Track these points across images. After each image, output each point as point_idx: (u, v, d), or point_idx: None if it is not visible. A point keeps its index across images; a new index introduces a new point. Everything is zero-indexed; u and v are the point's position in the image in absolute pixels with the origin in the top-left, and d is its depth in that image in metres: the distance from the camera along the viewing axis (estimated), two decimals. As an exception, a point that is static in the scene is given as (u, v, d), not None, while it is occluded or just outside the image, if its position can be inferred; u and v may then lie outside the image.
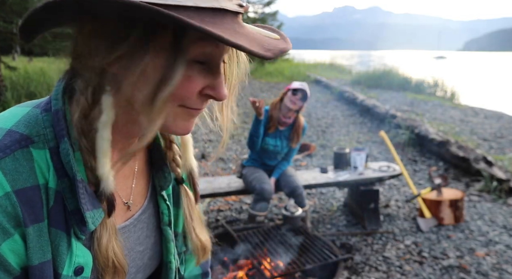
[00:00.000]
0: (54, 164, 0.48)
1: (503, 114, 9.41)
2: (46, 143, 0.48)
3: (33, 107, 0.51)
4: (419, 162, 5.36)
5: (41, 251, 0.47)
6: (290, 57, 29.20)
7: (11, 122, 0.48)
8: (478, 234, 3.32)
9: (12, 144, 0.46)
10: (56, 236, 0.48)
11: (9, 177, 0.44)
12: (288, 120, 3.11)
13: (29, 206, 0.45)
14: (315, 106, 10.07)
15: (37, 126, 0.49)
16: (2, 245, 0.44)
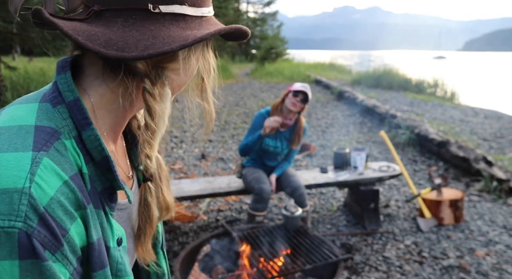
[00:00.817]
0: (81, 151, 0.52)
1: (503, 114, 9.41)
2: (69, 133, 0.51)
3: (39, 102, 0.52)
4: (419, 162, 5.36)
5: (95, 229, 0.52)
6: (290, 57, 29.21)
7: (32, 118, 0.50)
8: (478, 234, 3.32)
9: (49, 138, 0.48)
10: (99, 215, 0.53)
11: (61, 167, 0.47)
12: (289, 122, 3.10)
13: (81, 190, 0.50)
14: (315, 106, 10.07)
15: (55, 119, 0.51)
16: (71, 228, 0.47)
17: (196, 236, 3.25)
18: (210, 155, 5.65)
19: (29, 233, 0.42)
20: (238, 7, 34.51)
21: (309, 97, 3.03)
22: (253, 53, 32.69)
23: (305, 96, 3.01)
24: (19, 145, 0.45)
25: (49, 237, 0.43)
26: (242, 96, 12.05)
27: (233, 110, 9.42)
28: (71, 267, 0.47)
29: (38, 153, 0.45)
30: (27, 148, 0.45)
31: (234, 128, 7.48)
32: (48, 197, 0.44)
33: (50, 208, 0.44)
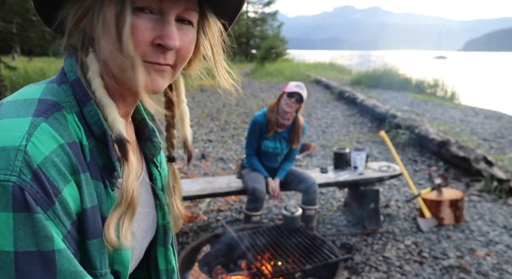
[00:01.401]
0: (82, 126, 0.55)
1: (503, 114, 9.40)
2: (71, 109, 0.55)
3: (48, 83, 0.58)
4: (419, 162, 5.35)
5: (90, 196, 0.54)
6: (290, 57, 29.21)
7: (38, 93, 0.55)
8: (478, 234, 3.32)
9: (50, 108, 0.52)
10: (97, 187, 0.56)
11: (58, 133, 0.50)
12: (286, 122, 3.10)
13: (77, 158, 0.52)
14: (315, 106, 10.07)
15: (59, 95, 0.56)
16: (64, 189, 0.49)
17: (196, 236, 3.25)
18: (210, 155, 5.65)
19: (22, 186, 0.44)
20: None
21: (304, 97, 3.02)
22: (253, 53, 32.68)
23: (300, 96, 3.00)
24: (21, 112, 0.50)
25: (41, 193, 0.46)
26: (242, 96, 12.03)
27: (233, 110, 9.42)
28: (64, 229, 0.49)
29: (37, 118, 0.49)
30: (28, 115, 0.50)
31: (234, 128, 7.48)
32: (42, 155, 0.47)
33: (43, 166, 0.47)
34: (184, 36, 0.59)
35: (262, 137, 3.16)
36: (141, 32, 0.54)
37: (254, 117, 3.18)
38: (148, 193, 0.74)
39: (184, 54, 0.60)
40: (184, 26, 0.59)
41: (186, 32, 0.59)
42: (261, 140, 3.17)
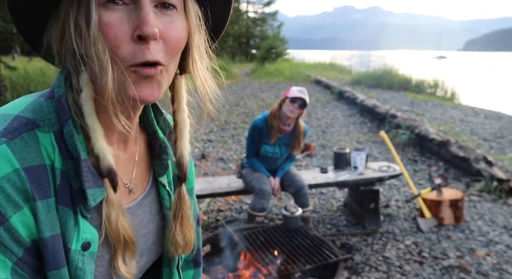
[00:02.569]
0: (59, 147, 0.52)
1: (503, 114, 9.40)
2: (51, 127, 0.52)
3: (38, 96, 0.55)
4: (419, 162, 5.35)
5: (51, 224, 0.50)
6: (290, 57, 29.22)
7: (19, 109, 0.52)
8: (478, 234, 3.32)
9: (20, 127, 0.50)
10: (63, 213, 0.51)
11: (18, 156, 0.48)
12: (287, 128, 3.07)
13: (37, 183, 0.49)
14: (315, 106, 10.07)
15: (42, 112, 0.53)
16: (12, 217, 0.46)
17: (196, 236, 3.24)
18: (210, 155, 5.65)
19: None
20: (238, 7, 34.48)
21: (307, 102, 2.98)
22: (253, 53, 32.68)
23: (303, 102, 2.96)
24: None
25: None
26: (242, 96, 12.05)
27: (233, 110, 9.42)
28: (14, 257, 0.47)
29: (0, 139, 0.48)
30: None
31: (234, 128, 7.48)
32: None
33: None
34: (169, 24, 0.52)
35: (261, 142, 3.14)
36: (116, 28, 0.48)
37: (254, 122, 3.14)
38: (151, 214, 0.69)
39: (173, 45, 0.53)
40: (167, 11, 0.52)
41: (170, 18, 0.52)
42: (260, 144, 3.15)
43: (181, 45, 0.55)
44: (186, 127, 0.65)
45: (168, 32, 0.52)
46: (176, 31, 0.53)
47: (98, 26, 0.48)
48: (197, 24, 0.57)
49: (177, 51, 0.54)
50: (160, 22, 0.51)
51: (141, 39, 0.49)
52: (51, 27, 0.53)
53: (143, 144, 0.69)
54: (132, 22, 0.49)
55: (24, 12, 0.52)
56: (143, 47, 0.49)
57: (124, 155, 0.64)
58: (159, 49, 0.51)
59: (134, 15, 0.49)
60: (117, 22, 0.48)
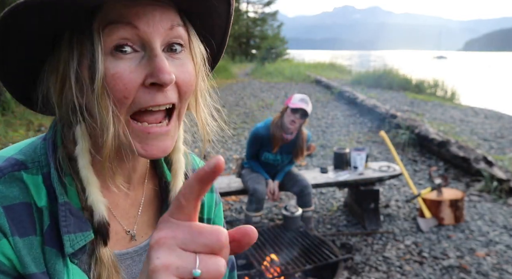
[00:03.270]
0: (46, 188, 0.51)
1: (503, 114, 9.40)
2: (40, 169, 0.52)
3: (39, 137, 0.56)
4: (419, 162, 5.35)
5: (35, 262, 0.48)
6: (290, 57, 29.22)
7: (15, 150, 0.54)
8: (478, 234, 3.32)
9: (5, 168, 0.50)
10: (51, 255, 0.49)
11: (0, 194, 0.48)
12: (289, 136, 3.02)
13: (17, 220, 0.48)
14: (315, 106, 10.06)
15: (34, 154, 0.53)
16: None
17: (196, 236, 3.24)
18: (210, 155, 5.62)
19: None
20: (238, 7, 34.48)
21: (309, 112, 2.89)
22: (253, 53, 32.69)
23: (304, 112, 2.87)
24: None
25: None
26: (242, 96, 12.04)
27: (233, 110, 9.42)
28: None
29: None
30: None
31: (234, 128, 7.48)
32: None
33: None
34: (181, 67, 0.50)
35: (262, 149, 3.11)
36: (125, 78, 0.46)
37: (256, 130, 3.08)
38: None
39: (186, 88, 0.51)
40: (176, 54, 0.50)
41: (181, 61, 0.51)
42: (261, 150, 3.12)
43: (194, 87, 0.53)
44: (182, 168, 0.63)
45: (182, 76, 0.50)
46: (188, 74, 0.51)
47: (103, 80, 0.45)
48: (201, 63, 0.55)
49: (189, 94, 0.52)
50: (172, 66, 0.49)
51: (153, 85, 0.47)
52: (48, 79, 0.50)
53: (152, 186, 0.65)
54: (143, 70, 0.47)
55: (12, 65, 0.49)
56: (155, 91, 0.48)
57: (125, 200, 0.61)
58: (173, 92, 0.50)
59: (145, 62, 0.47)
60: (126, 72, 0.46)
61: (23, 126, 6.91)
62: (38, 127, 6.85)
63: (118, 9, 0.46)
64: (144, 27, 0.47)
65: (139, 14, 0.46)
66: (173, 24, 0.49)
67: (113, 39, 0.46)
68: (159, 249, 0.32)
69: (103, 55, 0.45)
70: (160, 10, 0.48)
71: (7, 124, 6.97)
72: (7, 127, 6.73)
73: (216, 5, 0.53)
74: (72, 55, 0.47)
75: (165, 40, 0.49)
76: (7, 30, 0.44)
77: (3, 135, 6.26)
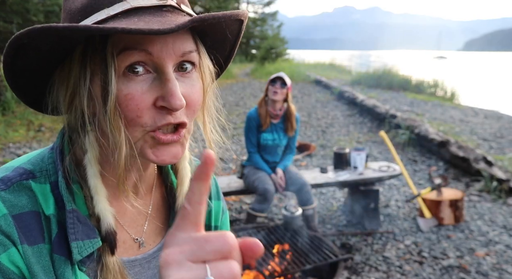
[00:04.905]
0: (54, 197, 0.52)
1: (503, 114, 9.41)
2: (47, 178, 0.53)
3: (48, 147, 0.57)
4: (419, 162, 5.36)
5: (44, 270, 0.49)
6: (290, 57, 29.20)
7: (24, 160, 0.55)
8: (478, 234, 3.32)
9: (14, 177, 0.51)
10: (60, 263, 0.50)
11: (7, 204, 0.49)
12: (279, 112, 3.17)
13: (26, 229, 0.49)
14: (315, 106, 10.07)
15: (42, 163, 0.54)
16: (1, 255, 0.47)
17: (196, 236, 3.25)
18: (210, 155, 5.65)
19: None
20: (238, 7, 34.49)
21: (287, 81, 3.07)
22: (253, 53, 32.70)
23: (282, 80, 3.07)
24: None
25: None
26: (242, 96, 12.05)
27: (233, 110, 9.42)
28: None
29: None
30: None
31: (234, 128, 7.48)
32: None
33: None
34: (190, 87, 0.51)
35: (259, 131, 3.22)
36: (138, 98, 0.47)
37: (248, 114, 3.29)
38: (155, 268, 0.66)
39: (194, 107, 0.52)
40: (186, 74, 0.51)
41: (191, 81, 0.51)
42: (259, 134, 3.22)
43: (201, 104, 0.54)
44: (188, 175, 0.64)
45: (191, 96, 0.51)
46: (197, 94, 0.52)
47: (115, 101, 0.46)
48: (210, 81, 0.56)
49: (197, 112, 0.53)
50: (182, 86, 0.50)
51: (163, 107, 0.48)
52: (58, 90, 0.51)
53: (160, 194, 0.66)
54: (154, 91, 0.48)
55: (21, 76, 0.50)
56: (165, 113, 0.49)
57: (133, 208, 0.61)
58: (183, 112, 0.51)
59: (157, 85, 0.48)
60: (138, 92, 0.47)
61: (23, 126, 6.91)
62: (38, 127, 6.85)
63: (132, 36, 0.46)
64: (158, 53, 0.47)
65: (154, 41, 0.47)
66: (185, 51, 0.50)
67: (126, 62, 0.47)
68: (168, 267, 0.32)
69: (116, 77, 0.46)
70: (175, 36, 0.48)
71: (7, 124, 6.97)
72: (7, 127, 6.73)
73: (230, 25, 0.54)
74: (85, 72, 0.48)
75: (177, 62, 0.50)
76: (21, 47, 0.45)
77: (3, 135, 6.26)
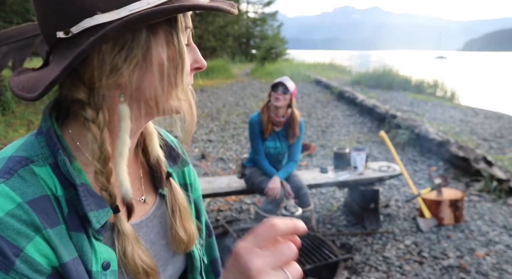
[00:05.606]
0: (57, 177, 0.53)
1: (503, 114, 9.41)
2: (45, 160, 0.54)
3: (29, 136, 0.57)
4: (419, 162, 5.36)
5: (67, 250, 0.51)
6: (290, 57, 29.22)
7: (11, 150, 0.55)
8: (478, 234, 3.32)
9: (14, 165, 0.52)
10: (77, 238, 0.53)
11: (18, 192, 0.49)
12: (281, 119, 3.09)
13: (43, 213, 0.50)
14: (315, 106, 10.07)
15: (33, 148, 0.55)
16: (27, 247, 0.48)
17: (196, 236, 3.25)
18: (210, 155, 5.65)
19: None
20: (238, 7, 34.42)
21: (289, 87, 2.99)
22: (253, 53, 32.70)
23: (284, 86, 2.99)
24: None
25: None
26: (242, 96, 12.05)
27: (233, 110, 9.43)
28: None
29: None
30: None
31: (234, 128, 7.48)
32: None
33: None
34: None
35: (261, 138, 3.16)
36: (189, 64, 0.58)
37: (250, 119, 3.18)
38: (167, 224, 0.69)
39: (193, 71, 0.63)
40: None
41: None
42: (263, 141, 3.16)
43: None
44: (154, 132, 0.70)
45: None
46: None
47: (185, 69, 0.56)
48: None
49: None
50: None
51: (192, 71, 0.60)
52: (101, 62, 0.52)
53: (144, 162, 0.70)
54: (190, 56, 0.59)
55: None
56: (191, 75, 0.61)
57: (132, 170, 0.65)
58: None
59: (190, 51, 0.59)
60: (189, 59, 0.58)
61: (23, 126, 6.91)
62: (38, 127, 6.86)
63: (188, 17, 0.57)
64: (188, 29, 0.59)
65: None
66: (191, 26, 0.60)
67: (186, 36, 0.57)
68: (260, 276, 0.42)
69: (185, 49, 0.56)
70: None
71: (7, 124, 6.98)
72: (7, 127, 6.74)
73: None
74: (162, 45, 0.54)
75: None
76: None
77: (3, 135, 6.26)
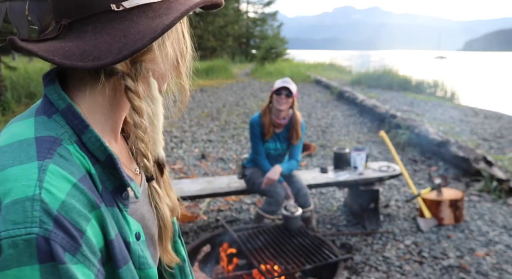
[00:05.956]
0: (86, 155, 0.53)
1: (503, 114, 9.41)
2: (70, 139, 0.52)
3: (34, 116, 0.53)
4: (419, 162, 5.35)
5: (112, 226, 0.53)
6: (290, 57, 29.21)
7: (31, 131, 0.50)
8: (478, 234, 3.32)
9: (51, 145, 0.49)
10: (113, 213, 0.55)
11: (68, 171, 0.48)
12: (283, 121, 3.06)
13: (91, 191, 0.50)
14: (315, 106, 10.07)
15: (53, 128, 0.52)
16: (87, 230, 0.48)
17: (196, 236, 3.25)
18: (210, 155, 5.65)
19: (46, 236, 0.43)
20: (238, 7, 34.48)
21: (293, 90, 2.96)
22: (253, 53, 32.70)
23: (288, 91, 2.95)
24: (23, 157, 0.47)
25: (66, 239, 0.44)
26: (242, 96, 12.05)
27: (233, 110, 9.42)
28: (95, 268, 0.48)
29: (43, 161, 0.46)
30: (32, 159, 0.46)
31: (234, 128, 7.48)
32: (59, 201, 0.45)
33: (63, 210, 0.45)
34: None
35: (262, 140, 3.13)
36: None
37: (251, 120, 3.15)
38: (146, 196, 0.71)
39: None
40: None
41: None
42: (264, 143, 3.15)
43: None
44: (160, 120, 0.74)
45: None
46: None
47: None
48: None
49: None
50: None
51: None
52: None
53: None
54: None
55: None
56: None
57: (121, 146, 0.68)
58: None
59: None
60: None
61: (23, 126, 6.91)
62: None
63: None
64: None
65: None
66: None
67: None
68: None
69: None
70: None
71: (7, 124, 6.96)
72: (7, 127, 6.73)
73: None
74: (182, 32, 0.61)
75: None
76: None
77: (3, 135, 6.25)
